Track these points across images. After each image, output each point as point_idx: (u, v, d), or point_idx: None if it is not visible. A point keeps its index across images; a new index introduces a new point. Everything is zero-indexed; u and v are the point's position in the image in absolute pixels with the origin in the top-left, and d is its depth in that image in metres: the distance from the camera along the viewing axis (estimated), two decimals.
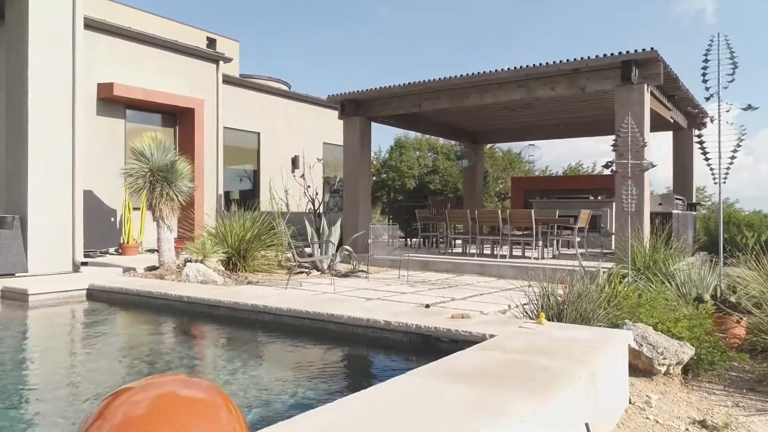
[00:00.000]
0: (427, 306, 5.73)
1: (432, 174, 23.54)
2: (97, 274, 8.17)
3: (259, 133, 16.19)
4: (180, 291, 6.46)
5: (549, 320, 4.44)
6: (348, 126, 12.14)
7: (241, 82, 15.65)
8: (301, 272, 9.70)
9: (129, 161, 9.17)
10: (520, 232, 11.61)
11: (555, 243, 11.08)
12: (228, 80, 15.09)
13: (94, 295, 7.19)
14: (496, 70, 10.06)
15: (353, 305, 5.60)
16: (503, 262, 10.20)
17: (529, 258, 10.73)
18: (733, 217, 15.30)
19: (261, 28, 59.04)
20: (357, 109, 12.00)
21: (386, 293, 7.64)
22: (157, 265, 8.35)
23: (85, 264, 8.97)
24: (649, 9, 60.73)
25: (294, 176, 15.98)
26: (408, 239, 14.63)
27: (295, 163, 17.19)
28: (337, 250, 9.90)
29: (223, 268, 8.93)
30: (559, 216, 11.03)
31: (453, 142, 25.14)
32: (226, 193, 15.78)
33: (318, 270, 9.77)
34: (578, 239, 10.64)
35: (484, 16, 59.98)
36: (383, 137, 56.77)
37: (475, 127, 15.32)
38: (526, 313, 5.18)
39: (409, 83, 11.00)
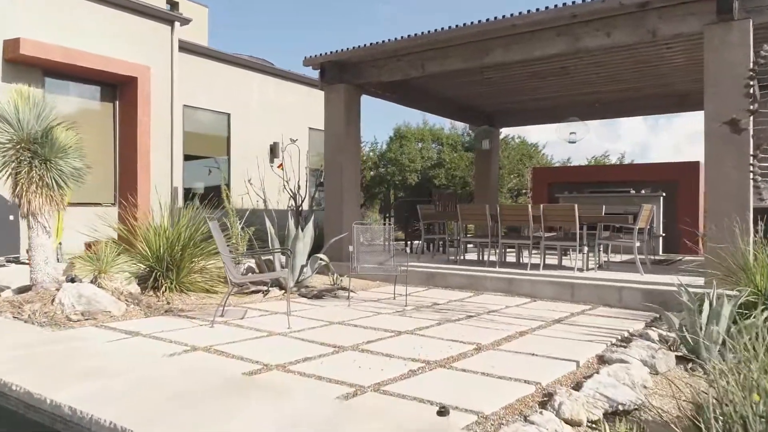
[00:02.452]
0: (442, 411, 2.96)
1: (436, 168, 20.78)
2: None
3: (229, 115, 13.43)
4: None
5: None
6: (330, 96, 9.38)
7: (206, 52, 12.89)
8: (257, 291, 6.95)
9: None
10: (550, 234, 8.84)
11: (600, 248, 8.29)
12: (188, 48, 12.34)
13: None
14: (528, 11, 7.29)
15: (263, 408, 2.87)
16: (538, 275, 7.42)
17: (570, 270, 7.96)
18: None
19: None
20: (341, 74, 9.24)
21: (365, 336, 4.87)
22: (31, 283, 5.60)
23: None
24: None
25: (272, 167, 13.23)
26: (409, 242, 11.87)
27: (274, 151, 14.43)
28: (308, 261, 7.13)
29: (139, 289, 6.18)
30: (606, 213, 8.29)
31: (460, 132, 22.36)
32: (188, 188, 13.05)
33: (282, 289, 7.00)
34: (638, 243, 7.85)
35: None
36: (382, 126, 53.60)
37: (492, 106, 12.52)
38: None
39: (409, 36, 8.24)
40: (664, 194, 11.97)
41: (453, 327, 5.19)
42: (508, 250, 9.18)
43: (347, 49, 8.83)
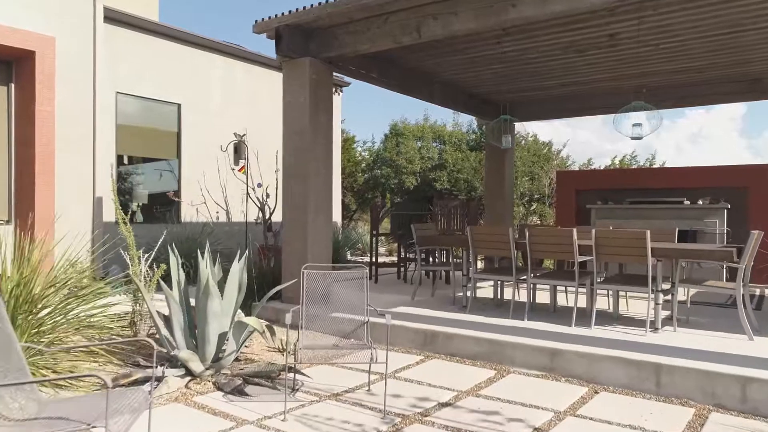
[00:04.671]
0: None
1: (438, 169, 18.19)
2: None
3: (179, 106, 10.82)
4: None
5: None
6: (290, 76, 6.78)
7: (150, 27, 10.27)
8: (146, 379, 4.32)
9: None
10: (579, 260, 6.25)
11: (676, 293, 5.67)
12: (124, 21, 9.75)
13: None
14: None
15: None
16: (595, 345, 4.80)
17: (638, 328, 5.37)
18: None
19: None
20: (306, 44, 6.65)
21: None
22: None
23: None
24: None
25: (234, 170, 10.65)
26: (402, 268, 9.27)
27: (239, 150, 11.80)
28: (232, 326, 4.49)
29: None
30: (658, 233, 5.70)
31: (464, 129, 19.75)
32: (125, 201, 10.46)
33: (192, 375, 4.34)
34: (742, 290, 5.20)
35: None
36: (377, 123, 50.71)
37: (508, 94, 9.86)
38: None
39: None
40: (729, 205, 9.38)
41: None
42: (538, 284, 6.59)
43: (313, 5, 6.22)
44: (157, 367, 4.21)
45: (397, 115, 35.15)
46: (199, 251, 4.62)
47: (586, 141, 37.89)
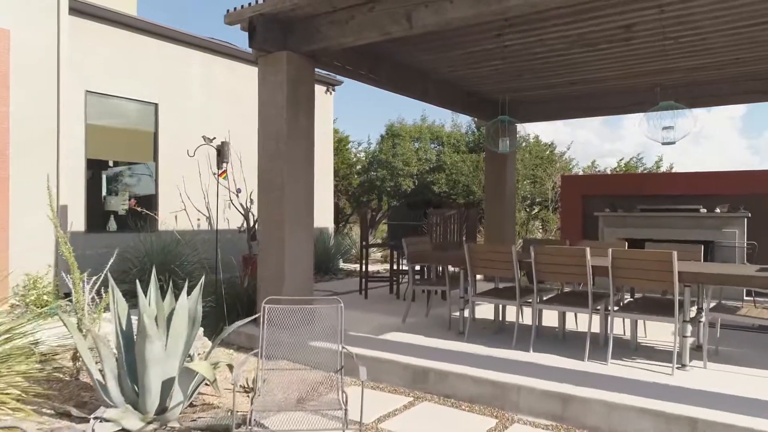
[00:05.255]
0: None
1: (435, 172, 17.46)
2: None
3: (156, 105, 10.09)
4: None
5: None
6: (266, 72, 6.04)
7: (124, 21, 9.53)
8: None
9: None
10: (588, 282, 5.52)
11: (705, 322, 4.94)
12: (94, 14, 9.02)
13: None
14: None
15: None
16: (622, 394, 4.07)
17: (662, 365, 4.64)
18: None
19: None
20: (284, 37, 5.91)
21: None
22: None
23: None
24: None
25: (215, 175, 9.91)
26: (395, 281, 8.53)
27: (222, 153, 11.05)
28: (179, 371, 3.74)
29: None
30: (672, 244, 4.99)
31: (463, 129, 19.01)
32: (100, 208, 9.74)
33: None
34: None
35: None
36: (373, 124, 49.64)
37: (509, 92, 9.12)
38: None
39: None
40: (749, 214, 8.64)
41: None
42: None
43: None
44: (90, 420, 3.48)
45: (394, 115, 34.45)
46: (138, 282, 3.88)
47: (586, 141, 37.21)
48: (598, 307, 5.05)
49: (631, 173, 15.07)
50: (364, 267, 8.39)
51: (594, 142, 35.62)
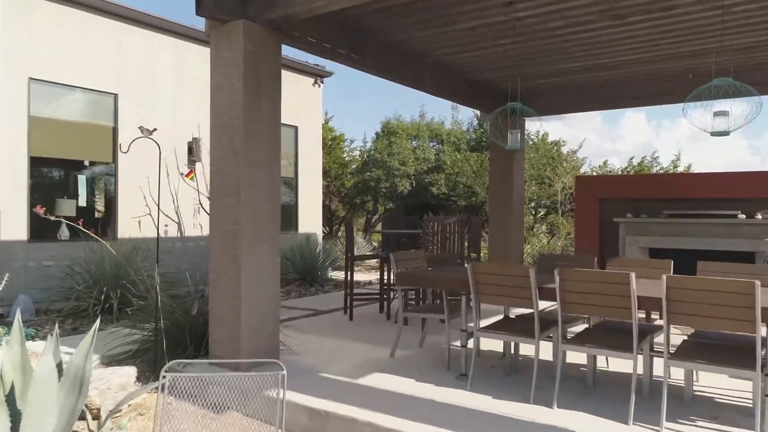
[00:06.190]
0: None
1: (434, 172, 16.26)
2: None
3: (116, 96, 8.89)
4: None
5: None
6: (219, 46, 4.85)
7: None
8: None
9: None
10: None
11: None
12: None
13: None
14: None
15: None
16: None
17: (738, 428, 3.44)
18: None
19: None
20: (241, 3, 4.71)
21: None
22: None
23: None
24: None
25: (183, 176, 8.74)
26: (386, 299, 7.33)
27: (193, 151, 9.85)
28: None
29: None
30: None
31: (464, 127, 17.82)
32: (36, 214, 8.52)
33: None
34: None
35: None
36: (370, 121, 48.14)
37: (517, 80, 7.92)
38: None
39: None
40: None
41: None
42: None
43: None
44: None
45: (390, 112, 33.24)
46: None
47: (586, 140, 36.12)
48: (642, 347, 3.86)
49: (655, 174, 13.82)
50: (350, 282, 7.19)
51: (594, 142, 34.49)
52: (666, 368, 3.59)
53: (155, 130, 4.98)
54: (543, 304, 4.21)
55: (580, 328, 4.84)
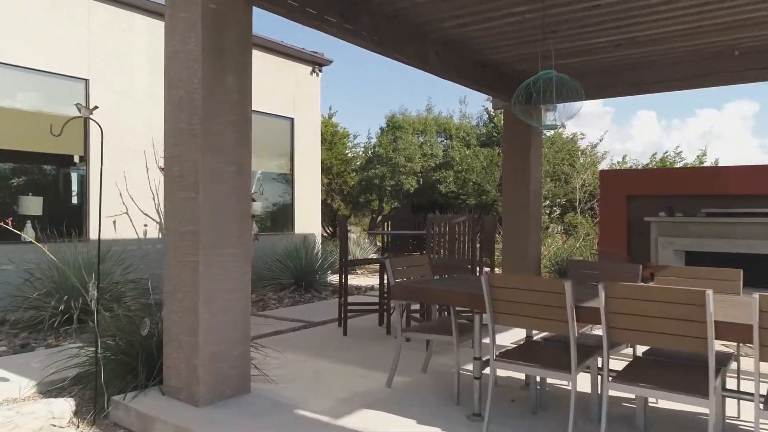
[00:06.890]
0: None
1: (442, 169, 15.32)
2: None
3: (87, 81, 8.03)
4: None
5: None
6: (175, 4, 3.95)
7: None
8: None
9: None
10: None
11: None
12: None
13: None
14: None
15: None
16: None
17: None
18: None
19: None
20: None
21: None
22: None
23: None
24: None
25: (161, 170, 7.87)
26: (385, 313, 6.40)
27: None
28: None
29: None
30: None
31: (474, 122, 16.87)
32: (8, 211, 7.67)
33: None
34: None
35: None
36: (372, 117, 47.03)
37: (537, 60, 6.97)
38: None
39: None
40: None
41: None
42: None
43: None
44: None
45: (396, 105, 32.29)
46: None
47: (595, 140, 35.14)
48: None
49: (691, 168, 12.74)
50: (345, 290, 6.27)
51: (604, 142, 33.54)
52: (758, 416, 2.64)
53: (96, 108, 4.08)
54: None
55: (619, 349, 3.90)
